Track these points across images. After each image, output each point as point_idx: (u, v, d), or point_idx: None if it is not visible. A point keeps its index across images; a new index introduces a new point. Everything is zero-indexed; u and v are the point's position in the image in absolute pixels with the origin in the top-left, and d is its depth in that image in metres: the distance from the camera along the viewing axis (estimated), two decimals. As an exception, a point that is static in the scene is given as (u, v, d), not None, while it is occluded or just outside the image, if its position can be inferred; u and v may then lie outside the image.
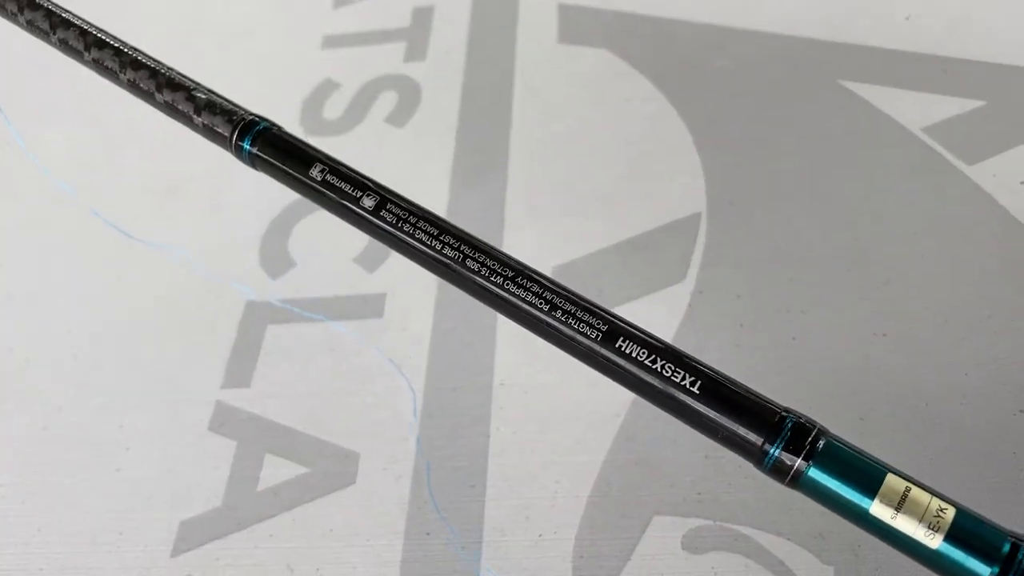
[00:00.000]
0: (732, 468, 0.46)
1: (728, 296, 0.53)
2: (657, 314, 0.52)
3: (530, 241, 0.58)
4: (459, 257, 0.28)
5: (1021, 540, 0.23)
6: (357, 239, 0.60)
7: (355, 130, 0.69)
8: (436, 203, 0.62)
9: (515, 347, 0.53)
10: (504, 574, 0.44)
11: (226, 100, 0.33)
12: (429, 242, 0.29)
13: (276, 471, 0.50)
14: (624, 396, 0.49)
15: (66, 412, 0.55)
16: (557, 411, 0.50)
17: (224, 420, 0.53)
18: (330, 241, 0.61)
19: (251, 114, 0.33)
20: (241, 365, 0.55)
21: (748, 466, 0.45)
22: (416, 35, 0.76)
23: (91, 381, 0.57)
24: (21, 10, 0.35)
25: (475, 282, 0.28)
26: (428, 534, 0.46)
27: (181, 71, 0.34)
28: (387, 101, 0.71)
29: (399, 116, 0.69)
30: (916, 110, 0.60)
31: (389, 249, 0.59)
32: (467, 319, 0.55)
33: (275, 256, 0.61)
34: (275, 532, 0.48)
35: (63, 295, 0.62)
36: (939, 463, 0.44)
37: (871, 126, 0.60)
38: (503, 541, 0.45)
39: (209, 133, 0.33)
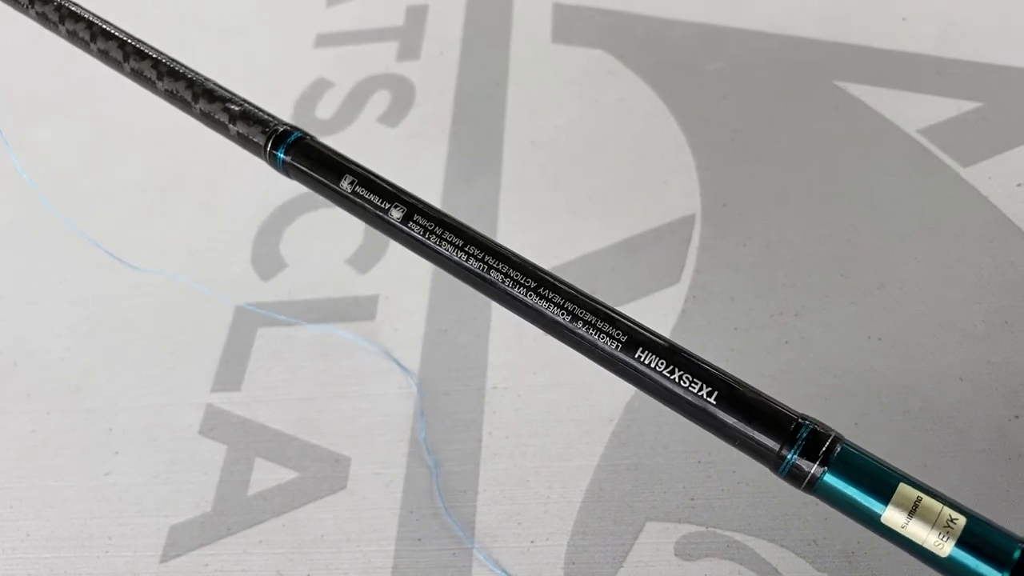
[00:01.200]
0: (725, 474, 0.45)
1: (722, 299, 0.53)
2: (651, 317, 0.52)
3: (523, 243, 0.57)
4: (484, 268, 0.29)
5: None
6: (349, 240, 0.59)
7: (348, 129, 0.69)
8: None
9: (508, 350, 0.53)
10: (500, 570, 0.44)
11: (261, 110, 0.34)
12: (455, 253, 0.29)
13: (266, 476, 0.50)
14: (618, 401, 0.49)
15: (55, 416, 0.55)
16: (550, 415, 0.49)
17: (214, 424, 0.52)
18: (322, 242, 0.61)
19: (284, 124, 0.33)
20: (231, 368, 0.55)
21: (741, 472, 0.45)
22: (410, 34, 0.75)
23: (80, 384, 0.56)
24: (63, 20, 0.36)
25: (499, 290, 0.29)
26: (419, 540, 0.46)
27: (216, 81, 0.34)
28: (380, 100, 0.70)
29: (392, 116, 0.69)
30: (912, 111, 0.60)
31: (382, 251, 0.59)
32: (460, 321, 0.54)
33: (267, 257, 0.61)
34: (265, 538, 0.47)
35: (52, 297, 0.62)
36: (934, 467, 0.44)
37: (866, 127, 0.59)
38: (495, 547, 0.45)
39: (244, 142, 0.33)
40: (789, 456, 0.25)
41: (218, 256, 0.61)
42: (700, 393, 0.26)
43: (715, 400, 0.26)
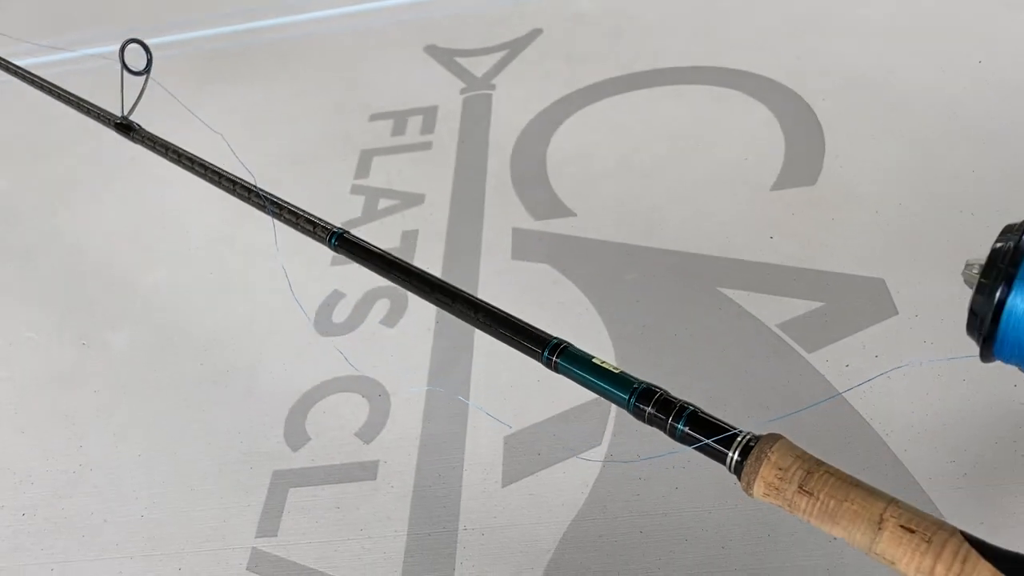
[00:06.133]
0: (628, 586, 0.63)
1: (631, 454, 0.71)
2: (577, 474, 0.71)
3: (488, 409, 0.77)
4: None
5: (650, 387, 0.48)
6: (357, 418, 0.79)
7: (357, 329, 0.90)
8: (418, 384, 0.81)
9: (475, 500, 0.71)
10: (464, 671, 0.61)
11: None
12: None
13: (297, 600, 0.67)
14: (554, 535, 0.67)
15: (135, 560, 0.73)
16: (505, 549, 0.67)
17: (258, 562, 0.71)
18: (336, 420, 0.80)
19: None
20: (270, 520, 0.73)
21: (637, 562, 0.62)
22: (404, 254, 0.98)
23: (155, 535, 0.75)
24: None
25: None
26: (409, 643, 0.63)
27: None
28: (382, 307, 0.92)
29: (390, 319, 0.90)
30: (773, 310, 0.81)
31: (382, 425, 0.78)
32: (440, 479, 0.73)
33: (296, 432, 0.80)
34: (296, 646, 0.64)
35: (132, 469, 0.81)
36: None
37: (739, 323, 0.80)
38: (463, 646, 0.62)
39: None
40: (545, 353, 0.52)
41: (258, 432, 0.81)
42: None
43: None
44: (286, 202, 0.70)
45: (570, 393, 0.77)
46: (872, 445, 0.68)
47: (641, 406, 0.53)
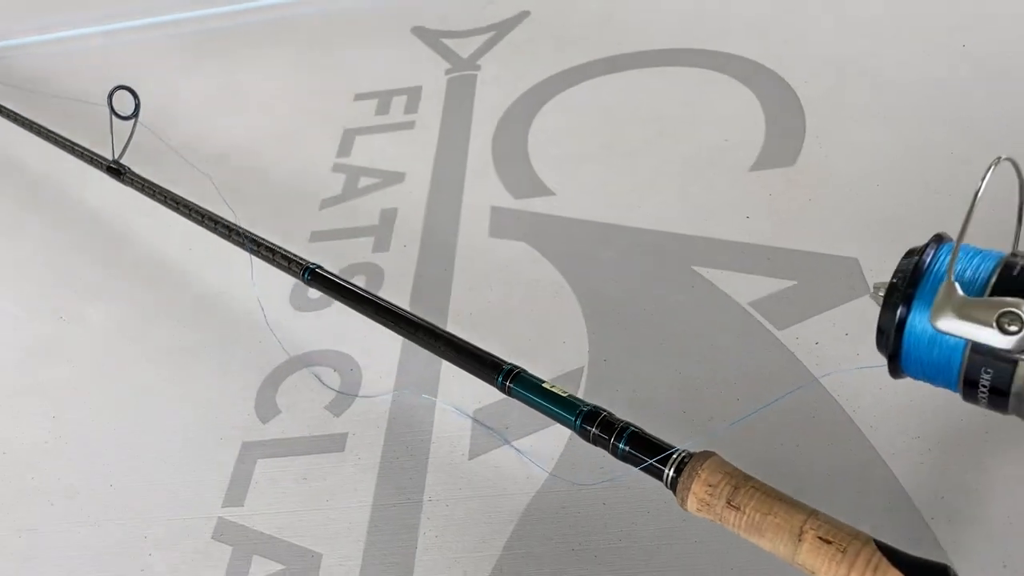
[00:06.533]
0: (588, 559, 0.63)
1: (599, 431, 0.71)
2: (546, 445, 0.71)
3: (458, 385, 0.77)
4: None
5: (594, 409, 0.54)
6: (326, 394, 0.79)
7: (333, 306, 0.90)
8: (389, 361, 0.81)
9: (441, 472, 0.71)
10: (423, 639, 0.61)
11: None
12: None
13: (260, 567, 0.68)
14: (518, 506, 0.67)
15: (103, 527, 0.73)
16: (468, 520, 0.68)
17: (224, 531, 0.71)
18: (307, 394, 0.80)
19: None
20: (237, 490, 0.74)
21: (603, 555, 0.62)
22: (382, 231, 0.98)
23: (123, 504, 0.75)
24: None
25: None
26: (369, 606, 0.63)
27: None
28: (357, 283, 0.92)
29: (366, 295, 0.90)
30: (745, 288, 0.80)
31: (351, 400, 0.78)
32: (407, 452, 0.73)
33: (266, 405, 0.80)
34: (258, 613, 0.65)
35: (103, 440, 0.81)
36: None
37: (711, 301, 0.80)
38: (422, 614, 0.62)
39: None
40: (500, 379, 0.59)
41: (230, 405, 0.81)
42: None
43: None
44: (263, 239, 0.80)
45: (540, 367, 0.78)
46: (838, 422, 0.68)
47: (586, 427, 0.57)
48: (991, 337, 0.45)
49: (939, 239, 0.54)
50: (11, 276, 1.08)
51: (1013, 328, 0.45)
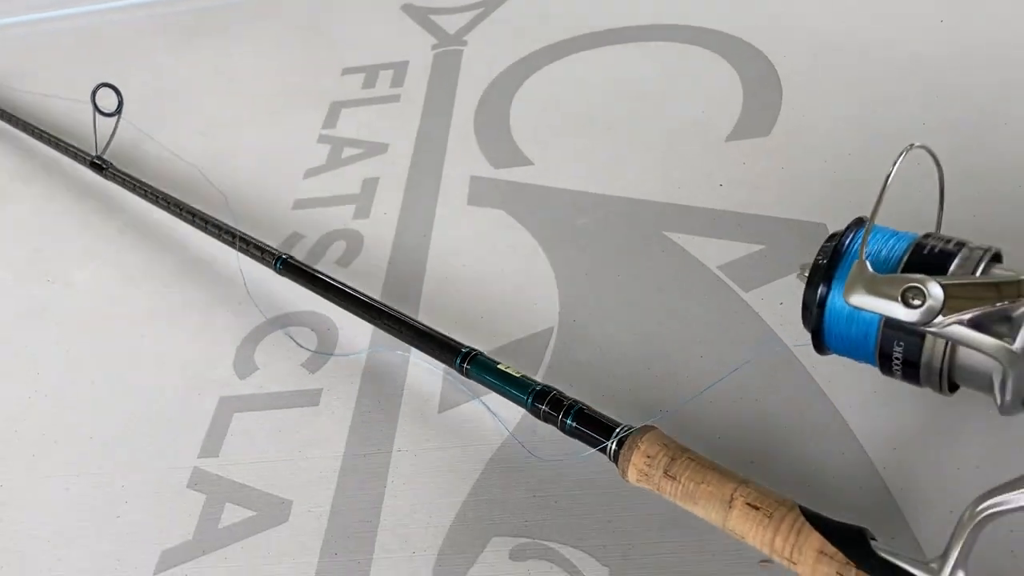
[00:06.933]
0: (549, 504, 0.64)
1: (564, 384, 0.73)
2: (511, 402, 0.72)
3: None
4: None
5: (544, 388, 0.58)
6: (301, 353, 0.81)
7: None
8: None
9: (411, 424, 0.73)
10: (387, 580, 0.63)
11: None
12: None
13: (232, 514, 0.69)
14: (484, 456, 0.69)
15: (84, 477, 0.75)
16: (435, 469, 0.69)
17: (198, 480, 0.73)
18: (285, 352, 0.82)
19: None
20: (213, 441, 0.75)
21: (560, 504, 0.64)
22: (363, 199, 0.99)
23: (102, 455, 0.77)
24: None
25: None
26: (336, 554, 0.65)
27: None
28: (338, 248, 0.94)
29: (346, 259, 0.92)
30: (715, 252, 0.82)
31: (326, 359, 0.80)
32: (379, 406, 0.75)
33: (245, 362, 0.82)
34: (228, 556, 0.67)
35: (84, 395, 0.84)
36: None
37: (681, 265, 0.82)
38: (388, 557, 0.64)
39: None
40: (458, 361, 0.62)
41: (210, 361, 0.83)
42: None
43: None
44: (239, 231, 0.87)
45: (512, 327, 0.80)
46: (800, 381, 0.69)
47: (537, 405, 0.60)
48: (897, 310, 0.49)
49: (859, 222, 0.57)
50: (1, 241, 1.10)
51: (916, 302, 0.48)
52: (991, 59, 0.95)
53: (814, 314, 0.56)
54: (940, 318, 0.47)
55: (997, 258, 0.53)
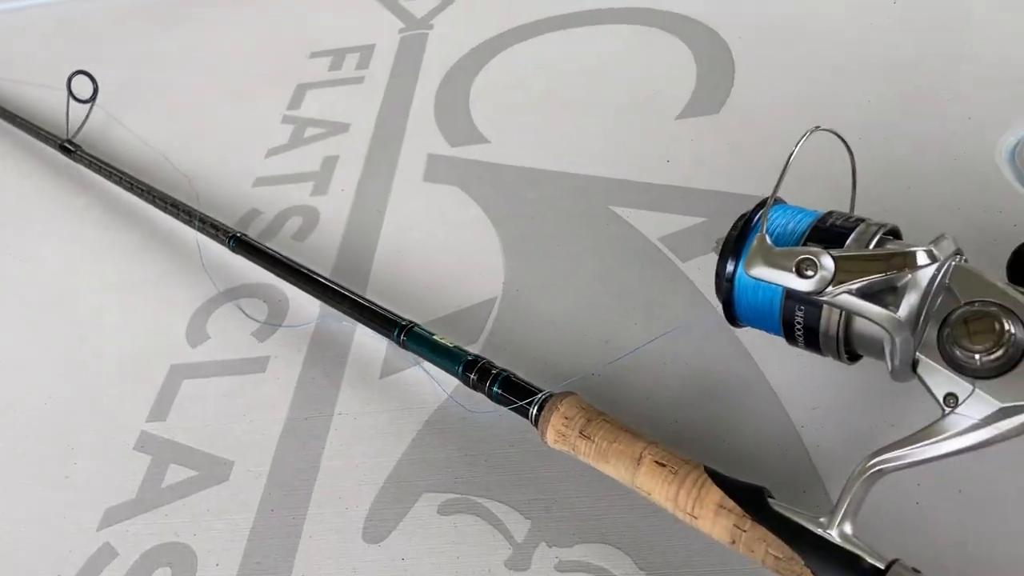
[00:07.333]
0: (479, 463, 0.66)
1: (506, 355, 0.75)
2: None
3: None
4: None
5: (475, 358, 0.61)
6: (251, 324, 0.83)
7: (270, 242, 0.93)
8: (317, 295, 0.85)
9: (353, 389, 0.75)
10: (318, 537, 0.65)
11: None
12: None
13: (175, 474, 0.71)
14: (420, 419, 0.71)
15: (35, 437, 0.77)
16: (373, 431, 0.71)
17: (145, 443, 0.75)
18: (235, 323, 0.84)
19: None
20: (161, 406, 0.78)
21: (490, 462, 0.66)
22: (322, 177, 1.01)
23: (53, 418, 0.79)
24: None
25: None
26: (272, 511, 0.67)
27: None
28: (294, 224, 0.95)
29: (301, 234, 0.94)
30: (656, 225, 0.83)
31: (275, 329, 0.82)
32: (323, 372, 0.77)
33: (197, 332, 0.84)
34: (169, 513, 0.69)
35: (40, 362, 0.86)
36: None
37: (623, 236, 0.83)
38: (321, 512, 0.66)
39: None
40: (396, 333, 0.66)
41: (163, 331, 0.85)
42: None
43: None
44: (199, 211, 0.91)
45: (457, 298, 0.81)
46: (728, 347, 0.71)
47: (467, 374, 0.62)
48: (791, 280, 0.51)
49: (777, 201, 0.59)
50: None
51: (810, 273, 0.51)
52: (940, 36, 0.96)
53: (723, 287, 0.58)
54: (831, 288, 0.49)
55: (895, 233, 0.55)
